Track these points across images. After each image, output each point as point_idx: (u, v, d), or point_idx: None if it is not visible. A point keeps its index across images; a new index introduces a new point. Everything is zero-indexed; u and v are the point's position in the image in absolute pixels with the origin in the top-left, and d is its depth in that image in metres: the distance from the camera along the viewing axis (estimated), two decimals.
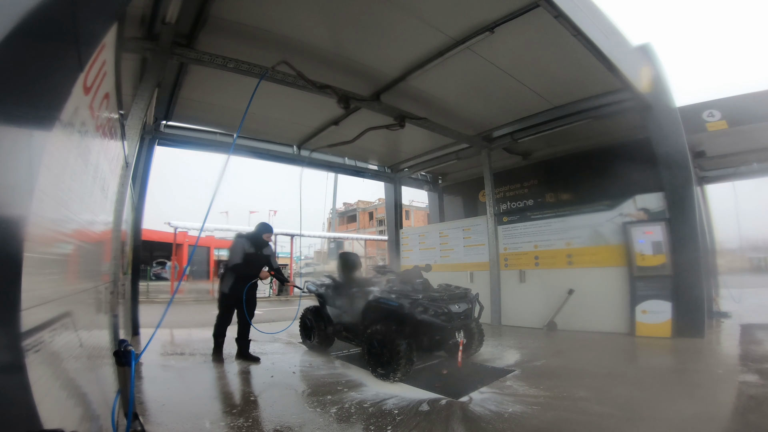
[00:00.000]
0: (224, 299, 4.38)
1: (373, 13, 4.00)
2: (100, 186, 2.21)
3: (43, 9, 0.88)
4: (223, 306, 4.41)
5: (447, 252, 8.36)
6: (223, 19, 4.00)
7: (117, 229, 3.14)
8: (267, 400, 3.14)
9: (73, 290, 1.61)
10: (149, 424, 2.55)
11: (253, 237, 4.52)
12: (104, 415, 1.91)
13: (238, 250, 4.38)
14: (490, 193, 7.49)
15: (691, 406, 2.80)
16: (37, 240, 1.05)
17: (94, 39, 1.43)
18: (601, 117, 6.02)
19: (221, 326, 4.46)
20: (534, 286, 6.75)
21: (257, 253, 4.46)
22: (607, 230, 6.04)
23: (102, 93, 1.87)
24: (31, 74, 0.93)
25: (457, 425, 2.58)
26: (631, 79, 5.03)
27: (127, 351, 1.91)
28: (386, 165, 9.60)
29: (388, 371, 3.55)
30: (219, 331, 4.47)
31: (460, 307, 3.80)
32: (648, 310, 5.41)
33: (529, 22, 4.04)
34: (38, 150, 1.01)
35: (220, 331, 4.47)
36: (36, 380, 0.96)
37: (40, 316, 1.11)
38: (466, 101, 6.04)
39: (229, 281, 4.33)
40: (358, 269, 5.09)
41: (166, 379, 3.73)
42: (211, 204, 3.16)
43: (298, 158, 7.90)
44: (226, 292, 4.34)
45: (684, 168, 5.47)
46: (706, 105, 6.30)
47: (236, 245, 4.42)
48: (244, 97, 4.19)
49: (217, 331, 4.47)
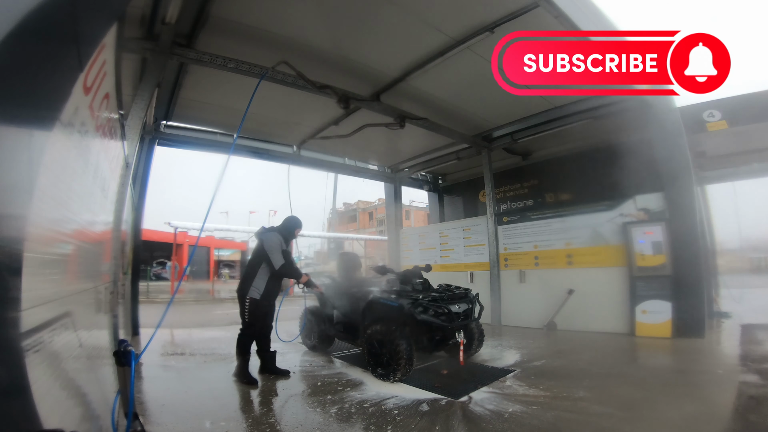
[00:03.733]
0: (257, 308, 3.67)
1: (373, 13, 4.00)
2: (100, 186, 2.21)
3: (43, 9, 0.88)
4: (255, 316, 3.68)
5: (447, 252, 8.36)
6: (223, 19, 4.00)
7: (117, 229, 3.15)
8: (267, 400, 3.15)
9: (73, 290, 1.61)
10: (149, 424, 2.55)
11: (285, 232, 3.91)
12: (104, 415, 1.91)
13: (278, 247, 3.71)
14: (490, 193, 7.49)
15: (691, 406, 2.79)
16: (37, 240, 1.05)
17: (94, 39, 1.43)
18: (601, 117, 6.03)
19: (250, 341, 3.74)
20: (534, 286, 6.75)
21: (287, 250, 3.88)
22: (607, 230, 6.04)
23: (102, 93, 1.87)
24: (31, 74, 0.93)
25: (457, 425, 2.58)
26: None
27: (127, 351, 1.91)
28: (386, 165, 9.60)
29: (388, 371, 3.55)
30: (247, 347, 3.72)
31: (460, 307, 3.80)
32: (648, 310, 5.41)
33: (529, 22, 4.04)
34: (38, 150, 1.01)
35: (248, 347, 3.73)
36: (36, 380, 0.96)
37: (40, 316, 1.11)
38: (466, 101, 6.05)
39: (265, 286, 3.69)
40: (358, 269, 5.09)
41: (166, 379, 3.73)
42: (211, 204, 3.18)
43: (298, 158, 7.91)
44: (260, 300, 3.66)
45: (684, 168, 5.47)
46: (706, 105, 6.29)
47: (274, 242, 3.72)
48: (244, 97, 4.19)
49: (246, 348, 3.70)
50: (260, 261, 3.73)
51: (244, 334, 3.70)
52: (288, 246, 3.95)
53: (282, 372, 3.81)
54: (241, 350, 3.69)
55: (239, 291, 3.74)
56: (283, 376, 3.76)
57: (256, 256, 3.81)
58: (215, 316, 9.31)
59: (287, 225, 3.99)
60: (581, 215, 6.34)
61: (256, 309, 3.66)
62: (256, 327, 3.69)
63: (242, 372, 3.62)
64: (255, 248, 3.94)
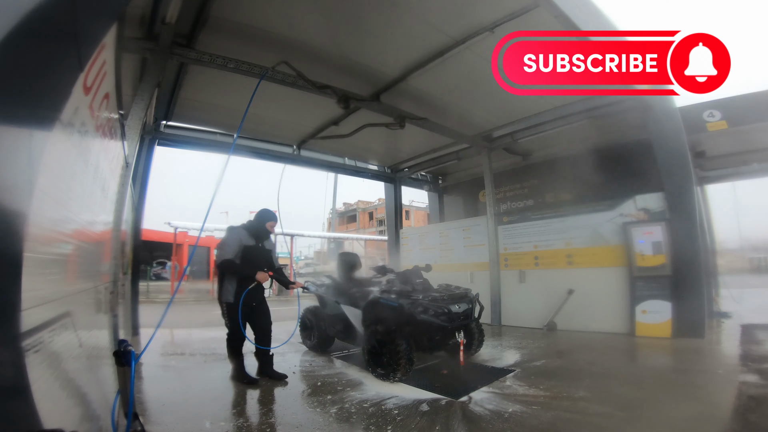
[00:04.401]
0: (232, 311, 3.44)
1: (373, 13, 4.00)
2: (100, 186, 2.21)
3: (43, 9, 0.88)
4: (232, 320, 3.46)
5: (447, 252, 8.36)
6: (223, 19, 3.99)
7: (117, 229, 3.15)
8: (267, 400, 3.15)
9: (73, 290, 1.61)
10: (149, 424, 2.55)
11: (253, 226, 3.66)
12: (104, 415, 1.91)
13: (230, 243, 3.49)
14: (490, 193, 7.49)
15: (691, 406, 2.79)
16: (37, 240, 1.05)
17: (94, 39, 1.43)
18: (601, 117, 6.03)
19: (237, 344, 3.55)
20: (534, 286, 6.75)
21: (257, 246, 3.64)
22: (607, 230, 6.04)
23: (102, 93, 1.87)
24: (31, 74, 0.94)
25: (457, 425, 2.58)
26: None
27: (127, 351, 1.91)
28: (386, 165, 9.60)
29: (388, 371, 3.55)
30: (237, 350, 3.56)
31: (460, 308, 3.80)
32: (648, 310, 5.41)
33: (529, 22, 4.04)
34: (38, 150, 1.01)
35: (238, 350, 3.56)
36: (36, 380, 0.96)
37: (40, 316, 1.11)
38: (466, 101, 6.04)
39: (236, 288, 3.46)
40: (358, 269, 5.09)
41: (166, 379, 3.73)
42: (211, 204, 3.17)
43: (298, 158, 7.91)
44: (233, 302, 3.43)
45: (684, 168, 5.47)
46: (706, 105, 6.29)
47: (229, 238, 3.52)
48: (244, 97, 4.19)
49: (236, 351, 3.55)
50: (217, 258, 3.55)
51: (228, 338, 3.57)
52: (261, 242, 3.68)
53: (279, 376, 3.65)
54: (231, 354, 3.58)
55: (218, 295, 3.57)
56: (280, 380, 3.60)
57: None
58: (215, 316, 9.25)
59: (257, 219, 3.70)
60: (581, 215, 6.34)
61: (231, 312, 3.43)
62: (236, 330, 3.46)
63: (239, 373, 3.53)
64: None
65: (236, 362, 3.57)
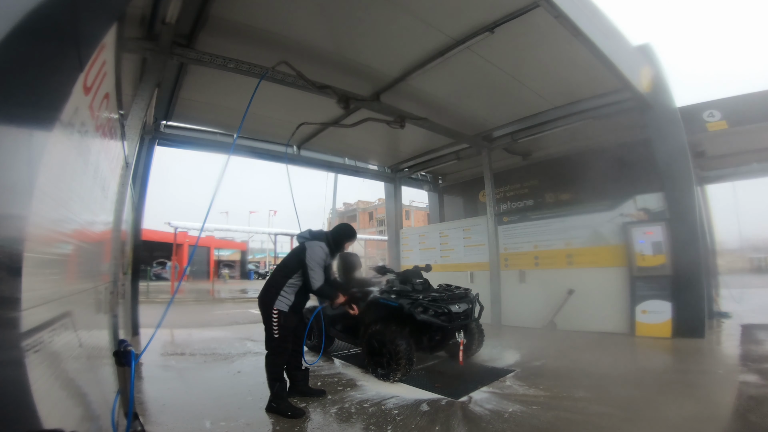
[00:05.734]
0: (287, 322, 2.98)
1: (373, 13, 3.99)
2: (100, 186, 2.21)
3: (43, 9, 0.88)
4: (287, 331, 2.99)
5: (447, 252, 8.36)
6: (223, 19, 3.99)
7: (117, 229, 3.14)
8: (267, 400, 3.14)
9: (73, 290, 1.61)
10: (149, 424, 2.55)
11: (334, 242, 3.24)
12: (104, 415, 1.91)
13: (321, 262, 3.04)
14: (490, 193, 7.49)
15: (691, 406, 2.79)
16: (37, 240, 1.05)
17: (94, 39, 1.43)
18: (601, 117, 6.02)
19: (282, 361, 3.02)
20: (534, 286, 6.75)
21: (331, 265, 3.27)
22: (607, 230, 6.04)
23: (102, 93, 1.87)
24: (31, 74, 0.93)
25: (457, 425, 2.58)
26: (631, 79, 5.03)
27: (127, 351, 1.91)
28: (386, 165, 9.60)
29: (388, 371, 3.55)
30: (280, 371, 2.99)
31: (460, 308, 3.80)
32: (648, 310, 5.41)
33: (529, 22, 4.04)
34: (38, 150, 1.01)
35: (281, 370, 3.01)
36: (36, 380, 0.96)
37: (40, 316, 1.11)
38: (466, 101, 6.04)
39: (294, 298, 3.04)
40: (358, 269, 5.08)
41: (166, 379, 3.73)
42: (211, 204, 3.16)
43: (298, 158, 7.90)
44: (288, 312, 2.99)
45: (684, 168, 5.47)
46: (706, 105, 6.29)
47: (318, 255, 3.03)
48: (244, 97, 4.19)
49: (279, 373, 2.97)
50: (296, 269, 3.07)
51: (275, 353, 2.96)
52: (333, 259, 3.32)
53: (317, 392, 3.21)
54: (273, 376, 2.92)
55: (262, 300, 3.04)
56: (319, 396, 3.18)
57: (292, 261, 3.14)
58: (215, 316, 9.32)
59: (338, 234, 3.29)
60: (581, 215, 6.34)
61: (287, 323, 2.97)
62: (288, 344, 3.02)
63: (281, 402, 2.85)
64: (293, 252, 3.27)
65: (278, 386, 2.92)
